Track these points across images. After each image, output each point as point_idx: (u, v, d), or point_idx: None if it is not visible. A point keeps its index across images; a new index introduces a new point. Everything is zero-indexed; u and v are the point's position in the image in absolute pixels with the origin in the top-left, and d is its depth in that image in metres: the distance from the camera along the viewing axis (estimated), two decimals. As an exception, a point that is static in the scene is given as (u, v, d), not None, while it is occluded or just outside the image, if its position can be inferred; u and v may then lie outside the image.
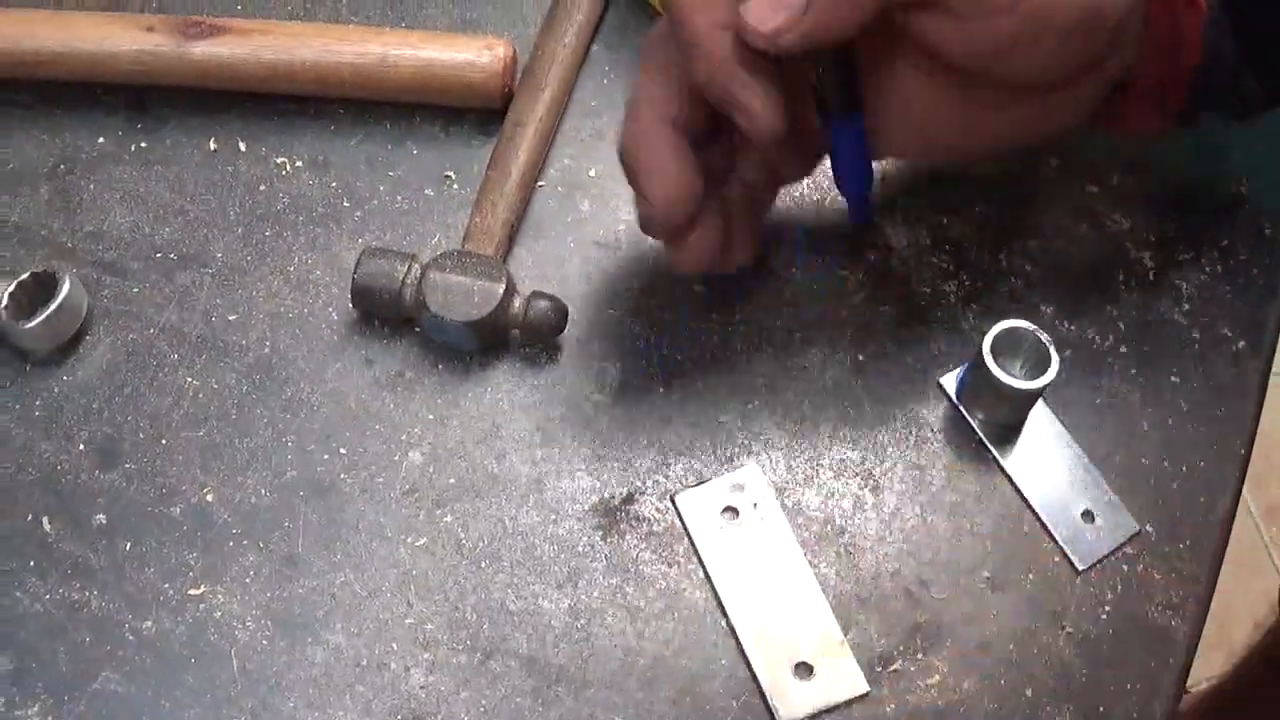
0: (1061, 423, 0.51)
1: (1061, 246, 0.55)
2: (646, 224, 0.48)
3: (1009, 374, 0.49)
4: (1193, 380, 0.53)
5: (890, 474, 0.51)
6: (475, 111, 0.57)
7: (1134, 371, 0.53)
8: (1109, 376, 0.53)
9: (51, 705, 0.46)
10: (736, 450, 0.51)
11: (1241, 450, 0.52)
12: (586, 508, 0.50)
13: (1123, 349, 0.53)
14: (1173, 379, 0.53)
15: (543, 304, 0.51)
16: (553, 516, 0.49)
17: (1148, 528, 0.50)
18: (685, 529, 0.49)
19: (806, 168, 0.52)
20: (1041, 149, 0.57)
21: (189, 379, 0.52)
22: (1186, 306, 0.54)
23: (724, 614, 0.48)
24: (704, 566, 0.48)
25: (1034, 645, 0.48)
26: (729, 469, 0.50)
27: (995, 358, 0.49)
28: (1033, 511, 0.50)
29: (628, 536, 0.49)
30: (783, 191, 0.53)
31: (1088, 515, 0.50)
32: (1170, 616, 0.49)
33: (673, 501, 0.49)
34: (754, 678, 0.46)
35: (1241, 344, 0.53)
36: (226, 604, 0.48)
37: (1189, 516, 0.50)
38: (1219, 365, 0.53)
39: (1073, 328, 0.53)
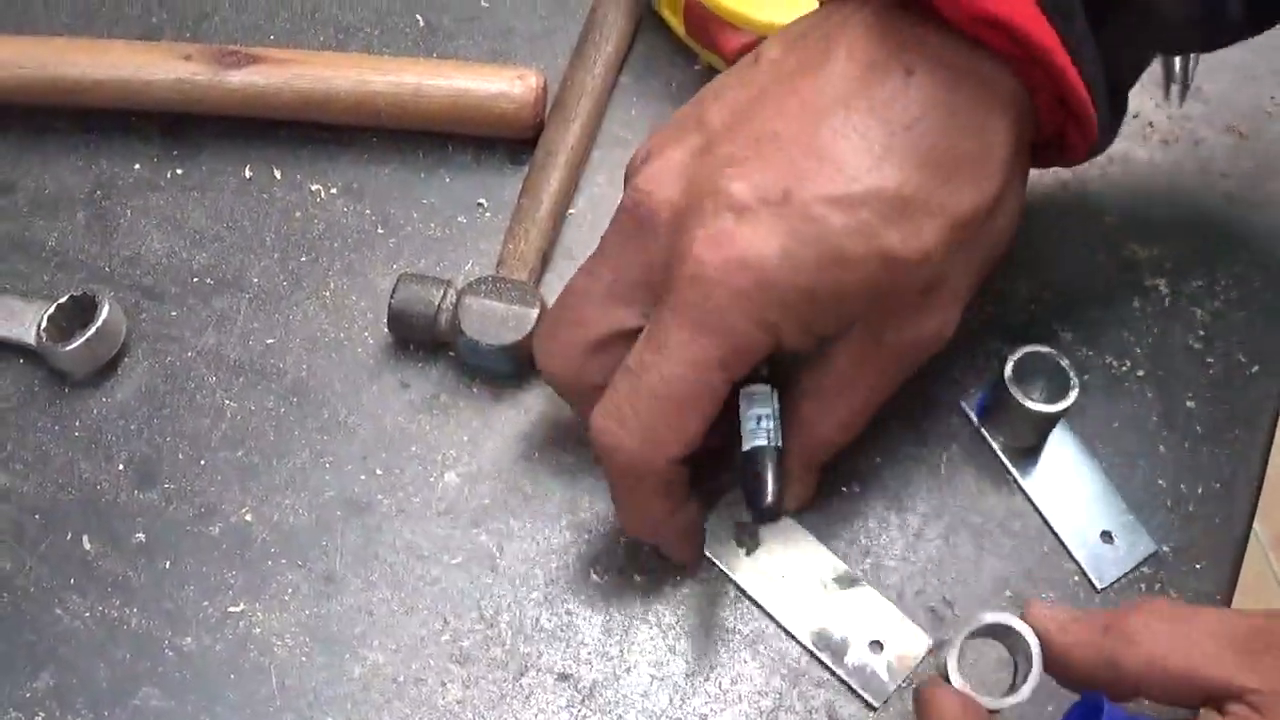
0: (1080, 445, 0.54)
1: (1079, 274, 0.58)
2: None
3: (1029, 397, 0.52)
4: (1208, 404, 0.56)
5: (914, 495, 0.53)
6: (507, 141, 0.60)
7: (1151, 395, 0.56)
8: (1126, 400, 0.56)
9: (92, 720, 0.49)
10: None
11: (1256, 473, 0.55)
12: (619, 526, 0.52)
13: (1140, 373, 0.56)
14: (1188, 403, 0.56)
15: (574, 328, 0.54)
16: (586, 536, 0.52)
17: (1164, 548, 0.53)
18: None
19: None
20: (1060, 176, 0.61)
21: (227, 401, 0.55)
22: (1201, 332, 0.57)
23: (767, 623, 0.51)
24: (734, 581, 0.51)
25: (1056, 663, 0.50)
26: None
27: (1016, 382, 0.52)
28: (1052, 532, 0.53)
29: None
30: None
31: (1106, 536, 0.53)
32: (1188, 636, 0.51)
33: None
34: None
35: (1256, 369, 0.56)
36: (265, 621, 0.50)
37: (1205, 537, 0.53)
38: (1234, 390, 0.56)
39: (1091, 353, 0.57)
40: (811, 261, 0.43)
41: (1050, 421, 0.53)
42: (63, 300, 0.55)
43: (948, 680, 0.43)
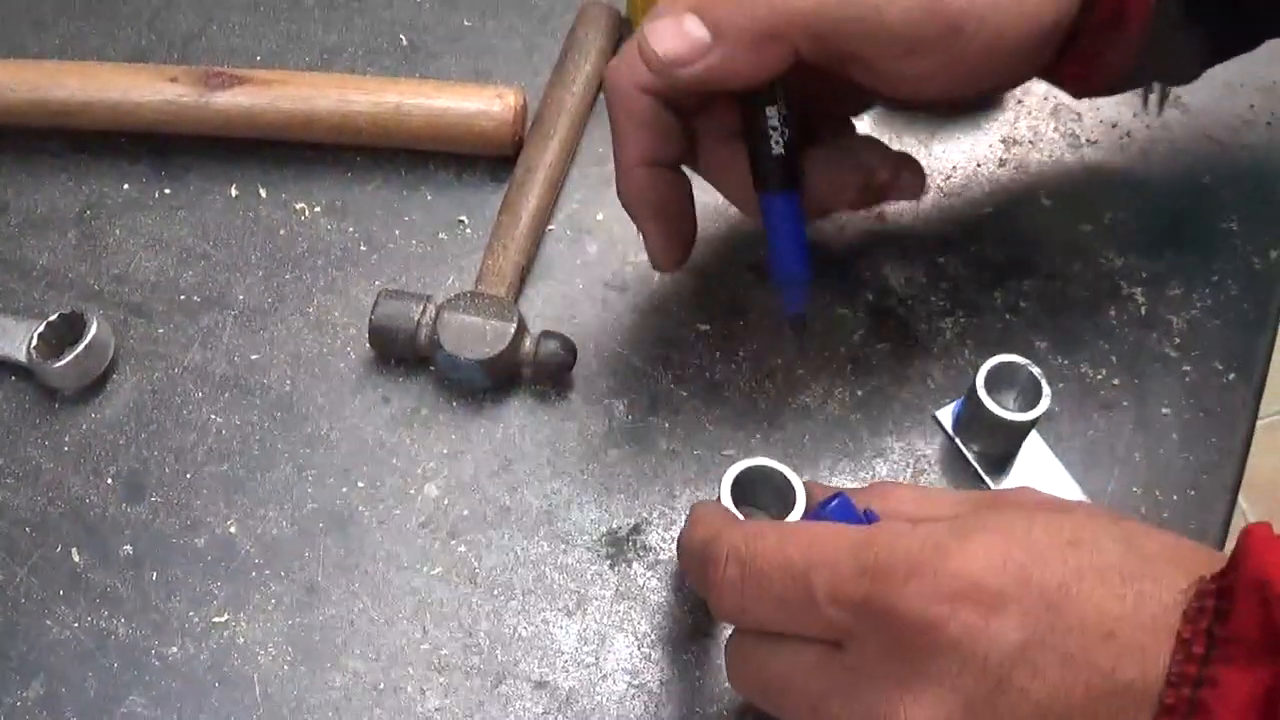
0: (1055, 453, 0.56)
1: (1055, 284, 0.60)
2: (655, 263, 0.55)
3: (1002, 406, 0.54)
4: (1184, 411, 0.57)
5: (889, 504, 0.55)
6: (487, 158, 0.63)
7: (1126, 403, 0.58)
8: (1101, 408, 0.57)
9: (81, 728, 0.51)
10: (740, 482, 0.56)
11: (1231, 480, 0.56)
12: (595, 538, 0.54)
13: (1115, 381, 0.58)
14: (1164, 410, 0.57)
15: (553, 343, 0.56)
16: (563, 546, 0.54)
17: (1140, 555, 0.54)
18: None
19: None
20: (1037, 189, 0.63)
21: (213, 416, 0.57)
22: (1178, 340, 0.59)
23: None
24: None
25: (1029, 669, 0.52)
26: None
27: (989, 391, 0.54)
28: (1027, 540, 0.55)
29: (635, 565, 0.54)
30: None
31: (1081, 543, 0.54)
32: (1163, 642, 0.53)
33: None
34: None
35: (1232, 376, 0.58)
36: (249, 631, 0.53)
37: (1180, 545, 0.55)
38: (1209, 396, 0.58)
39: (1066, 362, 0.58)
40: None
41: (1022, 430, 0.55)
42: (53, 318, 0.58)
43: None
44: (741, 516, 0.48)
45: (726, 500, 0.48)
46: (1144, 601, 0.38)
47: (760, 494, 0.50)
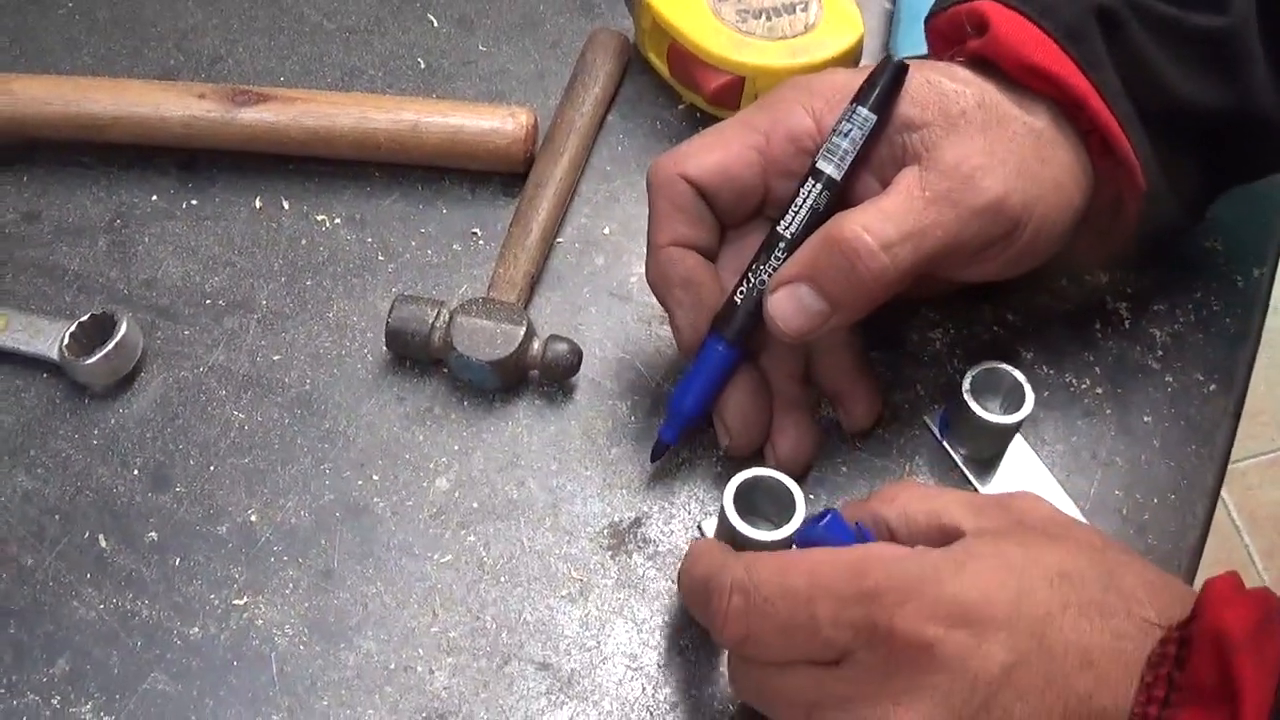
0: (1038, 457, 0.63)
1: (1042, 299, 0.68)
2: (681, 339, 0.62)
3: (987, 411, 0.61)
4: (1165, 420, 0.65)
5: (880, 503, 0.63)
6: (500, 174, 0.71)
7: (1109, 411, 0.65)
8: (1085, 416, 0.65)
9: (104, 703, 0.57)
10: (737, 480, 0.63)
11: (1210, 485, 0.64)
12: (598, 530, 0.62)
13: (1098, 390, 0.66)
14: (1145, 419, 0.65)
15: (560, 346, 0.64)
16: (567, 537, 0.62)
17: (1120, 555, 0.61)
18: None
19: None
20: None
21: (235, 412, 0.65)
22: (1160, 353, 0.67)
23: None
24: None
25: (1012, 661, 0.59)
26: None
27: (975, 396, 0.61)
28: (1012, 539, 0.62)
29: (635, 556, 0.61)
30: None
31: (1063, 542, 0.62)
32: (1143, 638, 0.60)
33: (700, 529, 0.62)
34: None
35: (1213, 386, 0.66)
36: (267, 613, 0.60)
37: (1160, 545, 0.62)
38: (1191, 406, 0.65)
39: (1051, 371, 0.66)
40: None
41: (1007, 433, 0.62)
42: (84, 319, 0.65)
43: (727, 518, 0.55)
44: (744, 524, 0.55)
45: (730, 508, 0.55)
46: (1119, 637, 0.45)
47: (761, 502, 0.57)
